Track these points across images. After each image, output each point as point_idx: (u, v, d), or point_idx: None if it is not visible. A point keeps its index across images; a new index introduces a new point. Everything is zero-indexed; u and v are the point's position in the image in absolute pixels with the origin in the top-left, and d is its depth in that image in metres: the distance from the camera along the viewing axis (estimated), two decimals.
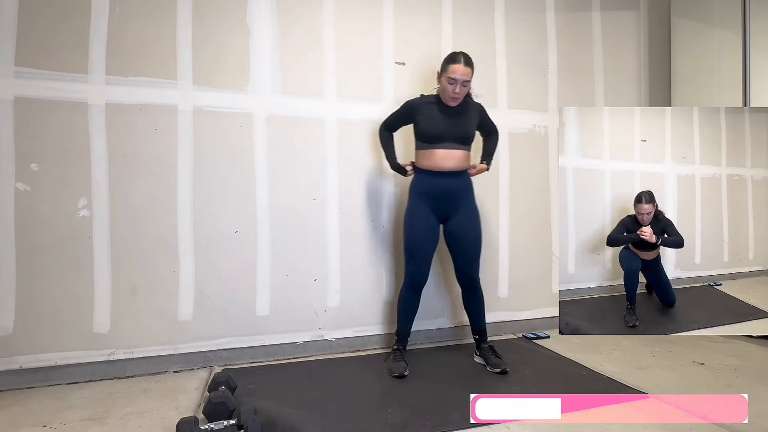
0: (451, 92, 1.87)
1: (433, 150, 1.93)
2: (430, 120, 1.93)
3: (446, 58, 1.92)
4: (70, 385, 1.84)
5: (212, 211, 2.05)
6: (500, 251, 2.50)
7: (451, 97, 1.88)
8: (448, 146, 1.93)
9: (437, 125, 1.92)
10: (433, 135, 1.93)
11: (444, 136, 1.92)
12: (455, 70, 1.85)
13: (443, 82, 1.89)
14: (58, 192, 1.86)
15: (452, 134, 1.93)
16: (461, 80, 1.85)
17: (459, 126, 1.94)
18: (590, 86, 2.72)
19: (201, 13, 2.04)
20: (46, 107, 1.85)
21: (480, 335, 2.06)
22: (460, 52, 1.90)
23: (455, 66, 1.86)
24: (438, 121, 1.92)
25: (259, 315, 2.10)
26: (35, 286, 1.83)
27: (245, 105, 2.09)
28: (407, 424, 1.46)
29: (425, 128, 1.94)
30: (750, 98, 2.45)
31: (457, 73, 1.85)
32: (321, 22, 2.21)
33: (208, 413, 1.42)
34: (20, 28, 1.83)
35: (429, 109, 1.94)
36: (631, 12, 2.84)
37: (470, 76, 1.88)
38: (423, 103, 1.97)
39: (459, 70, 1.85)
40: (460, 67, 1.85)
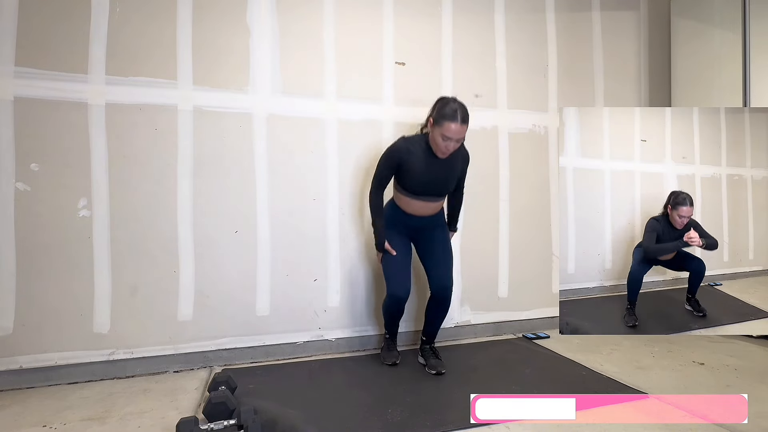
0: (443, 148, 1.77)
1: (412, 200, 1.91)
2: (416, 174, 1.84)
3: (440, 109, 1.75)
4: (70, 385, 1.84)
5: (212, 211, 2.05)
6: (500, 251, 2.50)
7: (443, 152, 1.79)
8: (428, 199, 1.92)
9: (422, 181, 1.86)
10: (416, 190, 1.88)
11: (427, 191, 1.89)
12: (451, 129, 1.71)
13: (435, 135, 1.76)
14: (58, 192, 1.86)
15: (435, 189, 1.90)
16: (456, 138, 1.75)
17: (443, 181, 1.90)
18: (590, 86, 2.72)
19: (201, 13, 2.04)
20: (46, 107, 1.85)
21: (429, 338, 2.06)
22: (456, 105, 1.74)
23: (451, 125, 1.71)
24: (424, 177, 1.85)
25: (259, 315, 2.10)
26: (35, 286, 1.84)
27: (245, 105, 2.09)
28: (407, 424, 1.46)
29: (409, 182, 1.87)
30: (750, 98, 2.45)
31: (452, 132, 1.72)
32: (321, 22, 2.21)
33: (208, 413, 1.42)
34: (20, 28, 1.83)
35: (416, 159, 1.83)
36: (631, 12, 2.84)
37: (465, 133, 1.77)
38: (408, 151, 1.83)
39: (455, 130, 1.72)
40: (456, 127, 1.72)
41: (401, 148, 1.85)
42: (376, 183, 1.93)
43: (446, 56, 2.41)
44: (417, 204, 1.92)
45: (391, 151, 1.87)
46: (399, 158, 1.85)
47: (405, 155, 1.84)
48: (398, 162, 1.85)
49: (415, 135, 1.90)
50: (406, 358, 2.06)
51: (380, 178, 1.92)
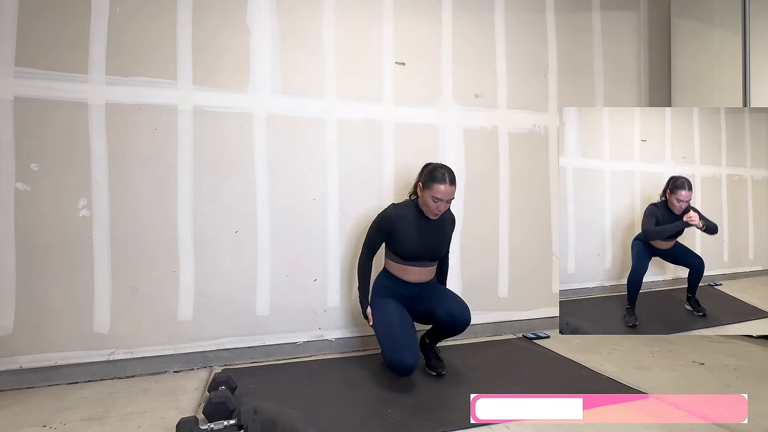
0: (434, 209, 1.81)
1: (406, 267, 1.90)
2: (408, 239, 1.86)
3: (429, 174, 1.81)
4: (70, 385, 1.84)
5: (212, 211, 2.05)
6: (500, 251, 2.50)
7: (434, 213, 1.83)
8: (422, 264, 1.91)
9: (414, 246, 1.86)
10: (409, 256, 1.88)
11: (420, 255, 1.89)
12: (440, 191, 1.78)
13: (426, 197, 1.81)
14: (58, 192, 1.86)
15: (428, 254, 1.90)
16: (446, 199, 1.80)
17: (435, 244, 1.92)
18: (590, 86, 2.72)
19: (201, 14, 2.04)
20: (46, 107, 1.85)
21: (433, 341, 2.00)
22: (444, 170, 1.81)
23: (440, 186, 1.78)
24: (415, 242, 1.86)
25: (259, 315, 2.10)
26: (35, 286, 1.83)
27: (245, 105, 2.09)
28: (407, 424, 1.46)
29: (402, 248, 1.87)
30: (750, 98, 2.45)
31: (441, 194, 1.78)
32: (321, 23, 2.21)
33: (208, 413, 1.42)
34: (20, 28, 1.83)
35: (406, 225, 1.86)
36: (631, 12, 2.84)
37: (454, 194, 1.82)
38: (399, 216, 1.87)
39: (444, 191, 1.78)
40: (445, 188, 1.78)
41: (392, 214, 1.89)
42: (366, 249, 1.94)
43: (446, 56, 2.41)
44: (412, 271, 1.91)
45: (381, 218, 1.90)
46: (390, 224, 1.87)
47: (396, 220, 1.87)
48: (390, 228, 1.88)
49: (405, 202, 1.96)
50: None
51: (371, 244, 1.93)
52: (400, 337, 1.75)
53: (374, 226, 1.92)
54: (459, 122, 2.43)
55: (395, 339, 1.75)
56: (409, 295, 1.93)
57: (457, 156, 2.42)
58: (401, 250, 1.88)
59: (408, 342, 1.74)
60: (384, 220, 1.90)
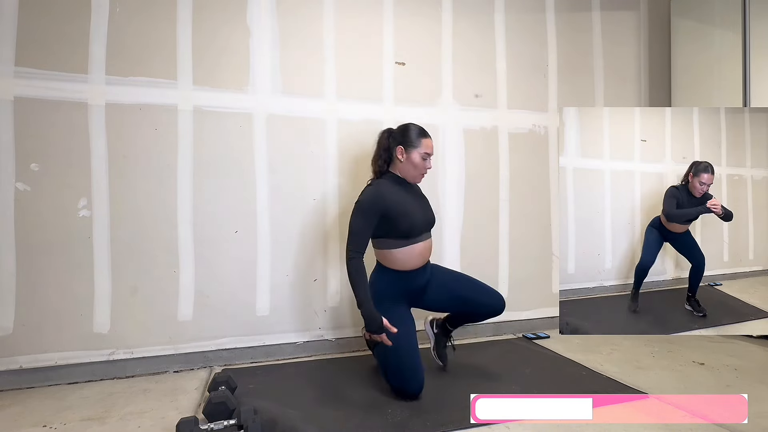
0: (423, 168, 1.74)
1: (411, 246, 1.69)
2: (409, 210, 1.68)
3: (408, 133, 1.73)
4: (70, 385, 1.84)
5: (212, 211, 2.05)
6: (500, 251, 2.50)
7: (423, 172, 1.75)
8: (424, 237, 1.74)
9: (417, 216, 1.71)
10: (415, 228, 1.68)
11: (422, 227, 1.72)
12: (429, 145, 1.73)
13: (414, 157, 1.70)
14: (58, 192, 1.86)
15: (428, 224, 1.75)
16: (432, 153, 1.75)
17: (429, 211, 1.80)
18: (590, 86, 2.72)
19: (201, 14, 2.04)
20: (46, 107, 1.85)
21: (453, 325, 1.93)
22: (417, 125, 1.77)
23: (428, 140, 1.73)
24: (417, 211, 1.71)
25: (259, 315, 2.10)
26: (35, 286, 1.84)
27: (245, 105, 2.09)
28: (407, 424, 1.46)
29: (406, 222, 1.66)
30: (750, 98, 2.45)
31: (431, 147, 1.74)
32: (321, 23, 2.21)
33: (208, 413, 1.42)
34: (20, 28, 1.83)
35: (399, 197, 1.68)
36: (631, 12, 2.84)
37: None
38: (386, 191, 1.67)
39: (431, 144, 1.75)
40: (430, 141, 1.75)
41: (377, 194, 1.65)
42: (354, 247, 1.61)
43: (446, 56, 2.41)
44: (420, 248, 1.71)
45: (370, 199, 1.64)
46: (383, 201, 1.64)
47: (387, 195, 1.66)
48: (384, 206, 1.63)
49: (376, 180, 1.76)
50: None
51: (359, 238, 1.62)
52: (407, 364, 1.62)
53: (360, 213, 1.63)
54: (459, 122, 2.43)
55: (401, 366, 1.62)
56: (416, 287, 1.76)
57: (457, 156, 2.42)
58: (406, 226, 1.66)
59: (415, 369, 1.62)
60: (375, 198, 1.64)
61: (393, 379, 1.66)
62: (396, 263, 1.71)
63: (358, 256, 1.62)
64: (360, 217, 1.63)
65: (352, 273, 1.61)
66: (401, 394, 1.63)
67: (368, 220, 1.63)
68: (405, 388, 1.62)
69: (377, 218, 1.64)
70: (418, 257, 1.73)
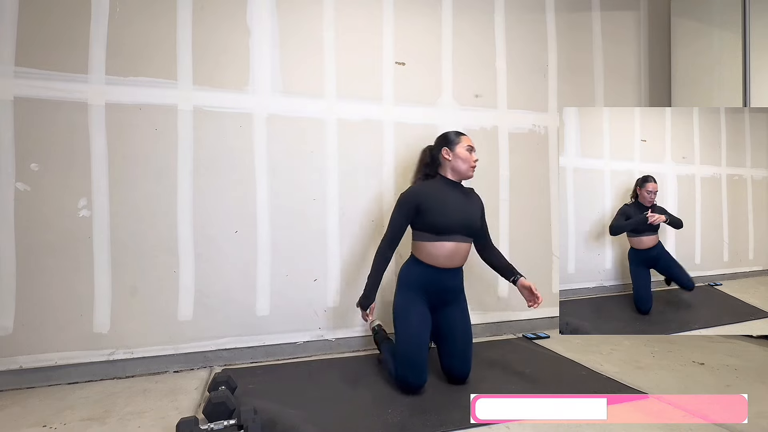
0: (472, 160, 1.83)
1: (441, 243, 1.74)
2: (440, 207, 1.74)
3: (447, 137, 1.87)
4: (70, 385, 1.84)
5: (212, 211, 2.05)
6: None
7: (472, 166, 1.83)
8: (457, 239, 1.76)
9: (448, 213, 1.75)
10: (444, 225, 1.73)
11: (453, 227, 1.75)
12: (469, 139, 1.86)
13: (460, 151, 1.82)
14: (58, 192, 1.86)
15: (462, 225, 1.76)
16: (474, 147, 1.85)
17: (468, 215, 1.80)
18: (590, 86, 2.72)
19: (201, 14, 2.04)
20: (46, 107, 1.85)
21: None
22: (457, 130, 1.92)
23: (464, 136, 1.86)
24: (449, 208, 1.75)
25: (259, 315, 2.10)
26: (35, 286, 1.83)
27: (245, 105, 2.09)
28: (407, 424, 1.46)
29: (434, 218, 1.73)
30: (750, 98, 2.45)
31: (471, 141, 1.86)
32: (321, 22, 2.21)
33: (208, 413, 1.42)
34: (20, 28, 1.83)
35: (436, 194, 1.77)
36: (631, 12, 2.84)
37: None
38: (425, 189, 1.80)
39: (470, 139, 1.87)
40: (469, 138, 1.87)
41: (416, 188, 1.82)
42: (388, 236, 1.81)
43: (446, 56, 2.41)
44: (449, 248, 1.74)
45: (405, 195, 1.80)
46: (416, 197, 1.77)
47: (421, 193, 1.79)
48: (417, 201, 1.76)
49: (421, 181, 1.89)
50: None
51: (394, 229, 1.80)
52: (414, 357, 1.68)
53: (397, 207, 1.81)
54: (459, 122, 2.42)
55: (409, 359, 1.68)
56: (439, 288, 1.78)
57: None
58: (433, 221, 1.73)
59: (421, 364, 1.67)
60: (409, 194, 1.80)
61: (399, 369, 1.71)
62: (425, 256, 1.78)
63: (387, 244, 1.81)
64: (396, 211, 1.81)
65: (375, 257, 1.83)
66: (404, 387, 1.69)
67: (402, 213, 1.79)
68: (409, 381, 1.67)
69: (413, 211, 1.78)
70: (447, 256, 1.76)
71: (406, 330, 1.73)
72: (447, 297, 1.82)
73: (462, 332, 1.81)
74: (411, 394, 1.67)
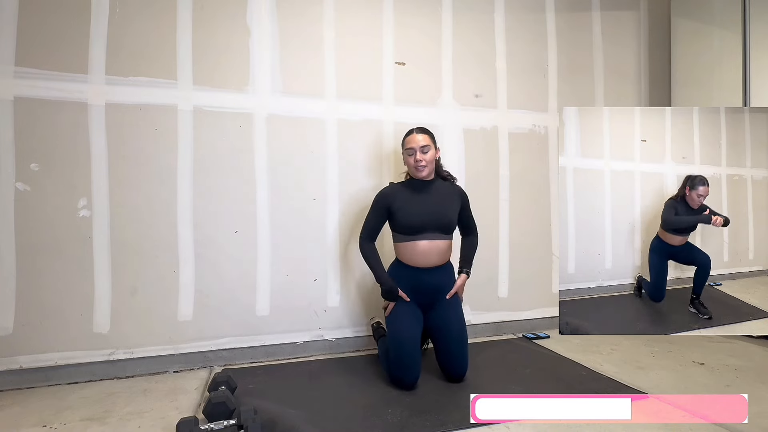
0: (413, 162, 1.82)
1: (414, 242, 1.80)
2: (408, 207, 1.81)
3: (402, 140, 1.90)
4: (70, 385, 1.84)
5: (212, 211, 2.05)
6: (500, 251, 2.50)
7: (415, 167, 1.82)
8: (429, 237, 1.81)
9: (416, 212, 1.81)
10: (413, 225, 1.80)
11: (425, 225, 1.80)
12: (410, 141, 1.84)
13: (403, 157, 1.88)
14: (58, 192, 1.86)
15: (433, 222, 1.81)
16: (418, 147, 1.81)
17: (438, 210, 1.83)
18: (590, 86, 2.72)
19: (201, 14, 2.04)
20: (46, 107, 1.85)
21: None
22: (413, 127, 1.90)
23: (409, 137, 1.85)
24: (416, 208, 1.81)
25: (259, 315, 2.10)
26: (35, 286, 1.84)
27: (245, 105, 2.09)
28: (407, 424, 1.46)
29: (403, 218, 1.81)
30: (750, 98, 2.45)
31: (412, 143, 1.82)
32: (321, 23, 2.21)
33: (208, 413, 1.42)
34: (20, 28, 1.83)
35: (403, 195, 1.84)
36: (631, 12, 2.84)
37: (428, 141, 1.83)
38: (395, 190, 1.87)
39: (413, 140, 1.83)
40: (413, 137, 1.84)
41: (386, 189, 1.90)
42: (364, 233, 1.89)
43: (446, 56, 2.42)
44: (423, 247, 1.80)
45: (377, 197, 1.89)
46: (387, 198, 1.86)
47: (391, 194, 1.87)
48: (388, 202, 1.85)
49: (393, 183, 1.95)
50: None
51: (369, 227, 1.89)
52: (406, 357, 1.73)
53: (371, 208, 1.90)
54: (459, 122, 2.43)
55: (401, 358, 1.73)
56: (425, 287, 1.84)
57: (457, 156, 2.42)
58: (405, 221, 1.81)
59: (413, 361, 1.73)
60: (380, 196, 1.88)
61: (392, 367, 1.77)
62: (403, 256, 1.87)
63: (366, 240, 1.89)
64: (370, 210, 1.90)
65: (363, 254, 1.89)
66: (397, 383, 1.75)
67: (375, 212, 1.89)
68: (402, 378, 1.73)
69: (385, 212, 1.87)
70: (423, 254, 1.82)
71: (396, 329, 1.78)
72: (436, 296, 1.86)
73: (457, 330, 1.82)
74: (404, 389, 1.72)
